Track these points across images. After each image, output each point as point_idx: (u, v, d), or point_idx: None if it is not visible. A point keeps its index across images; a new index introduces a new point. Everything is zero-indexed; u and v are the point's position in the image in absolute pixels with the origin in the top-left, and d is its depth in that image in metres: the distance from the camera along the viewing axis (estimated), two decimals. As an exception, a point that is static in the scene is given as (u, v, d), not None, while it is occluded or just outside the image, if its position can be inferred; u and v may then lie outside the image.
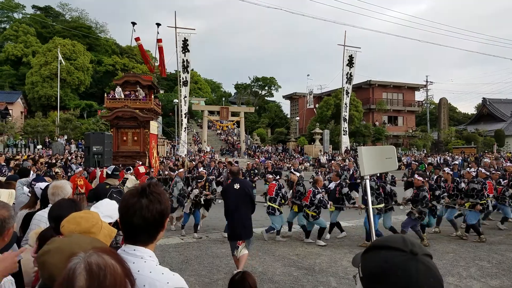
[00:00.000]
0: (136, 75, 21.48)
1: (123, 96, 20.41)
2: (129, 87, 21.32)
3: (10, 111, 37.79)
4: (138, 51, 40.14)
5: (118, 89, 20.46)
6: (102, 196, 6.86)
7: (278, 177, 9.84)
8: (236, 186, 6.03)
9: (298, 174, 9.63)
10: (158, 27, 22.56)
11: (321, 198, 8.46)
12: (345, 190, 9.34)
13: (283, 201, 8.91)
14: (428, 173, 12.22)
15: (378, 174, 10.08)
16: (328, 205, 8.58)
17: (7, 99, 38.88)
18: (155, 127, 20.17)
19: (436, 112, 49.26)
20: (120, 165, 11.96)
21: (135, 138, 17.50)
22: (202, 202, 9.18)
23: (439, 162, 28.23)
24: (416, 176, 8.62)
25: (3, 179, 6.80)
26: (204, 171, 10.86)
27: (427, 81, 49.27)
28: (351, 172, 13.81)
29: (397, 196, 8.84)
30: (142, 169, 12.69)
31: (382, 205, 8.15)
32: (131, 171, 11.61)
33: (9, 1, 52.25)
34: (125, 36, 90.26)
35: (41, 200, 3.82)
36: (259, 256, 7.32)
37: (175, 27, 29.93)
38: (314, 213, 8.40)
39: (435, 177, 11.40)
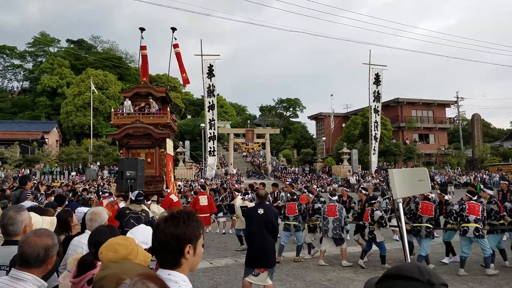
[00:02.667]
0: (148, 86, 17.20)
1: (132, 111, 16.73)
2: (140, 101, 17.28)
3: (46, 140, 39.58)
4: (166, 79, 41.32)
5: (127, 102, 16.66)
6: (121, 221, 6.97)
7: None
8: (260, 211, 5.76)
9: (335, 198, 9.26)
10: (173, 31, 19.40)
11: (382, 215, 8.25)
12: (378, 213, 8.85)
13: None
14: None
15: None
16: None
17: (43, 129, 40.82)
18: (171, 146, 17.58)
19: (469, 129, 47.76)
20: None
21: (149, 159, 14.70)
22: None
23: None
24: None
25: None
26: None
27: (458, 97, 48.12)
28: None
29: None
30: (175, 198, 11.37)
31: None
32: (150, 202, 10.40)
33: (45, 37, 55.50)
34: (155, 65, 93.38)
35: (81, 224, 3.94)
36: (290, 282, 7.18)
37: (201, 55, 30.84)
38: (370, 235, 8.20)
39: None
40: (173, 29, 19.59)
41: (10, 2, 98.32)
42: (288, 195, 10.19)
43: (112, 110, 16.68)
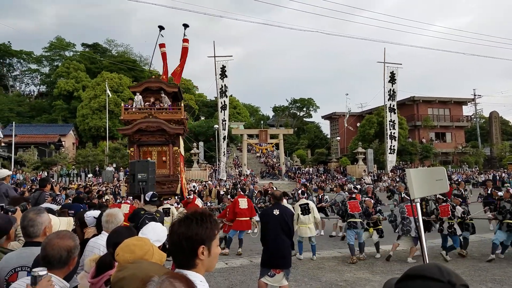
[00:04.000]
0: (159, 80, 15.94)
1: (143, 106, 15.40)
2: (150, 96, 15.97)
3: (63, 143, 40.32)
4: (184, 80, 41.47)
5: (138, 97, 15.43)
6: (136, 222, 7.04)
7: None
8: (276, 212, 5.78)
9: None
10: (185, 28, 19.41)
11: (464, 211, 9.02)
12: (460, 209, 9.24)
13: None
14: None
15: None
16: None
17: (60, 132, 41.62)
18: (182, 146, 16.47)
19: (486, 127, 46.81)
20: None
21: (163, 158, 13.66)
22: None
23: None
24: None
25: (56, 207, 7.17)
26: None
27: (475, 95, 47.20)
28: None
29: None
30: (199, 203, 11.10)
31: None
32: (167, 203, 10.53)
33: (60, 41, 56.60)
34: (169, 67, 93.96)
35: (96, 226, 4.00)
36: (305, 282, 7.15)
37: (214, 56, 30.99)
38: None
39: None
40: (185, 25, 19.51)
41: (26, 7, 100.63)
42: (346, 193, 11.43)
43: (122, 105, 15.43)
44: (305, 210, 9.30)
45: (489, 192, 11.41)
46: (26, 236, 2.75)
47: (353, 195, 9.99)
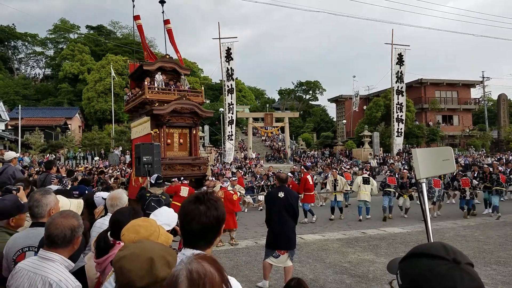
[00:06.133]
0: (173, 61, 14.87)
1: (163, 86, 14.30)
2: (164, 76, 14.63)
3: (69, 126, 40.54)
4: (189, 63, 41.02)
5: (159, 76, 14.32)
6: (142, 203, 7.11)
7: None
8: (281, 194, 5.85)
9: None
10: (162, 5, 15.96)
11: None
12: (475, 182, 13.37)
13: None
14: None
15: None
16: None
17: (66, 115, 41.79)
18: None
19: (494, 110, 46.21)
20: (182, 178, 11.21)
21: (181, 140, 13.41)
22: None
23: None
24: None
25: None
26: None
27: (483, 77, 46.45)
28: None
29: None
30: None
31: None
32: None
33: (65, 23, 56.23)
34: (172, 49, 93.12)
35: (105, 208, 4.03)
36: (310, 263, 7.22)
37: (219, 38, 30.66)
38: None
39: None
40: (162, 2, 16.19)
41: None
42: (389, 172, 16.72)
43: (146, 83, 13.68)
44: (366, 181, 12.76)
45: (491, 170, 14.02)
46: (32, 217, 2.77)
47: (392, 173, 14.29)
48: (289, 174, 12.23)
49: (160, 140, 12.47)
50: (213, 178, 12.68)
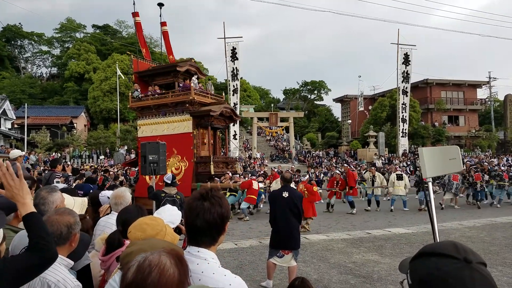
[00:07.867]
0: (196, 65, 15.01)
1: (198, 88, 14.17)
2: (182, 78, 14.72)
3: (75, 124, 40.76)
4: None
5: (195, 79, 14.38)
6: (156, 204, 7.12)
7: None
8: (285, 194, 5.87)
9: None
10: (160, 8, 16.24)
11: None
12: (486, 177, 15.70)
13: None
14: None
15: None
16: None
17: (72, 114, 42.02)
18: None
19: (501, 110, 45.82)
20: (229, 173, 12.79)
21: (211, 141, 13.88)
22: None
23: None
24: None
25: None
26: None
27: (490, 77, 46.07)
28: None
29: None
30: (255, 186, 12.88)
31: None
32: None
33: (71, 22, 56.51)
34: (180, 49, 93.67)
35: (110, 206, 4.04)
36: (314, 263, 7.20)
37: (224, 38, 30.66)
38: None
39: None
40: (160, 4, 16.56)
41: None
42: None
43: (192, 84, 13.51)
44: (399, 177, 14.32)
45: (489, 167, 16.83)
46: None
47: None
48: (337, 171, 15.24)
49: (198, 139, 12.96)
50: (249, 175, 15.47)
